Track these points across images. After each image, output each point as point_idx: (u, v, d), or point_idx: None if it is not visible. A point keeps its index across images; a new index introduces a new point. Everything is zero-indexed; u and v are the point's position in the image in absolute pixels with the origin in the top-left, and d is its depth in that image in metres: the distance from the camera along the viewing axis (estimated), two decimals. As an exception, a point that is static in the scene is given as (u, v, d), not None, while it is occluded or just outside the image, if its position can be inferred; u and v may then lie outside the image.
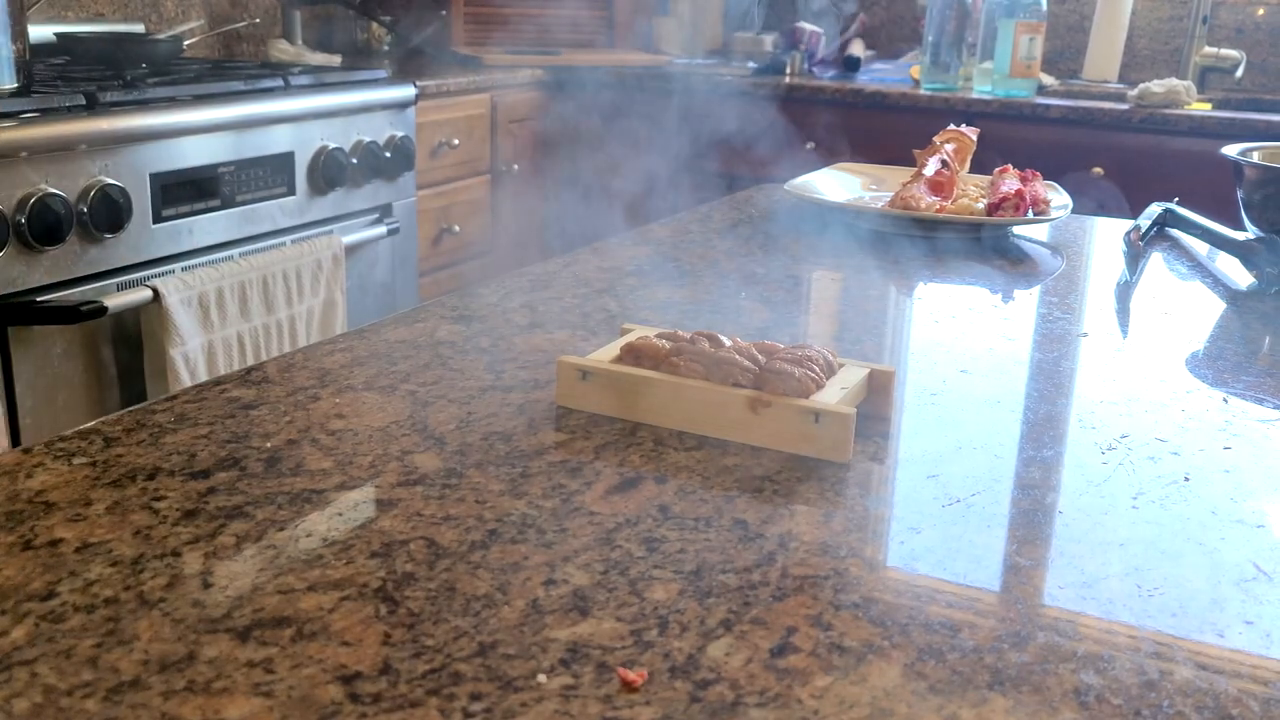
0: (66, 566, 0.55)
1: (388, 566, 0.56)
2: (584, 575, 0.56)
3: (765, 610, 0.53)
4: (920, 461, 0.71)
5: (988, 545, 0.60)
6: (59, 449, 0.68)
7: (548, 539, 0.59)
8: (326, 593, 0.53)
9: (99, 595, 0.52)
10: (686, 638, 0.51)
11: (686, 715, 0.46)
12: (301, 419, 0.73)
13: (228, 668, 0.48)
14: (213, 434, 0.71)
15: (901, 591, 0.56)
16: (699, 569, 0.57)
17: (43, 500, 0.61)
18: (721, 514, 0.62)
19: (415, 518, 0.61)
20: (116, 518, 0.60)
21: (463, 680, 0.47)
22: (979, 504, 0.65)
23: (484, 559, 0.57)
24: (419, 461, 0.68)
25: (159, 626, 0.50)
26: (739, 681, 0.48)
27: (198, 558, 0.56)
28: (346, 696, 0.46)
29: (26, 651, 0.48)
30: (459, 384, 0.81)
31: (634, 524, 0.61)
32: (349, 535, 0.59)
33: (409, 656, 0.49)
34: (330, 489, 0.64)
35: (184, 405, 0.75)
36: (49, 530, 0.58)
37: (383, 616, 0.52)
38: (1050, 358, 0.92)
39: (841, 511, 0.64)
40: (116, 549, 0.56)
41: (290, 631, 0.50)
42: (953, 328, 0.99)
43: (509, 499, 0.63)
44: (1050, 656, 0.51)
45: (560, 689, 0.47)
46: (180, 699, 0.45)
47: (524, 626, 0.51)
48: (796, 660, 0.50)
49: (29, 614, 0.51)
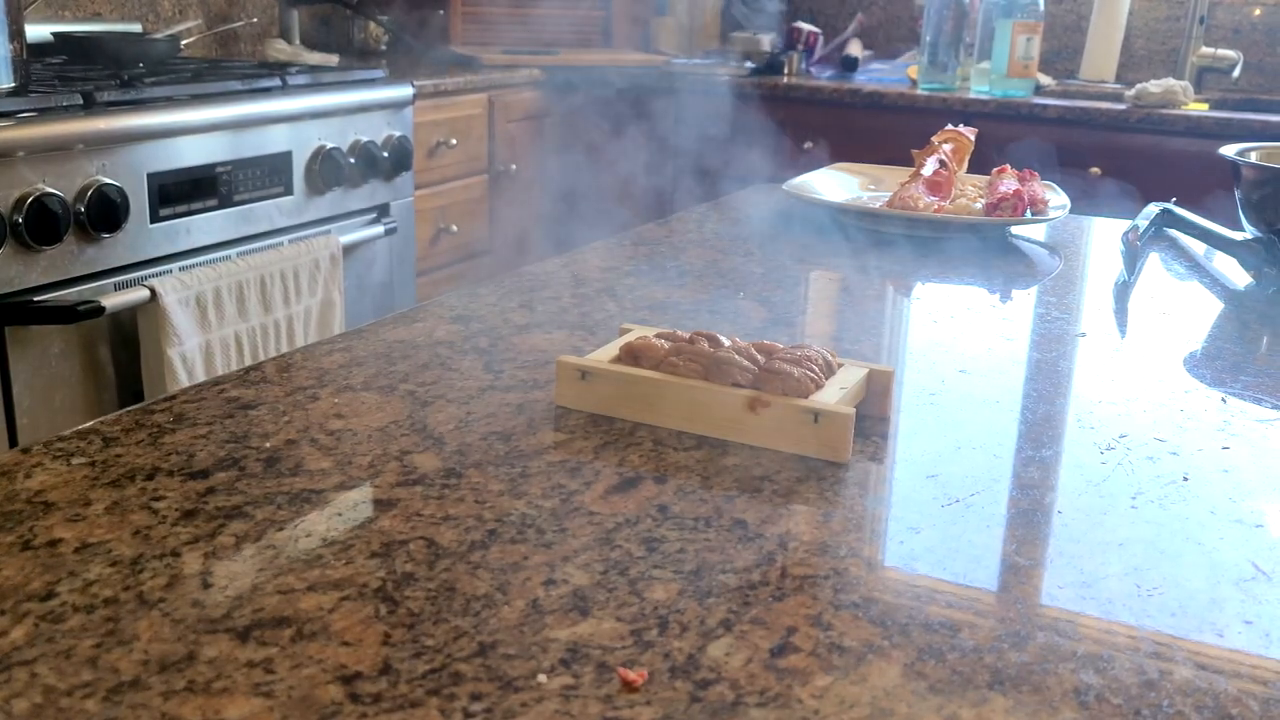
0: (66, 567, 0.55)
1: (387, 566, 0.56)
2: (584, 575, 0.56)
3: (765, 610, 0.53)
4: (919, 461, 0.71)
5: (987, 545, 0.60)
6: (58, 449, 0.68)
7: (547, 539, 0.59)
8: (326, 593, 0.53)
9: (98, 595, 0.52)
10: (686, 638, 0.51)
11: (687, 715, 0.46)
12: (300, 419, 0.73)
13: (228, 668, 0.48)
14: (212, 434, 0.71)
15: (901, 591, 0.56)
16: (699, 569, 0.57)
17: (42, 500, 0.61)
18: (721, 514, 0.62)
19: (415, 518, 0.61)
20: (116, 518, 0.60)
21: (463, 680, 0.47)
22: (978, 504, 0.65)
23: (484, 559, 0.57)
24: (418, 461, 0.68)
25: (159, 626, 0.50)
26: (739, 681, 0.48)
27: (197, 558, 0.56)
28: (347, 696, 0.46)
29: (26, 652, 0.48)
30: (458, 384, 0.81)
31: (634, 524, 0.61)
32: (348, 535, 0.59)
33: (409, 656, 0.49)
34: (330, 489, 0.64)
35: (183, 405, 0.75)
36: (48, 530, 0.58)
37: (383, 616, 0.52)
38: (1049, 358, 0.92)
39: (841, 511, 0.64)
40: (116, 549, 0.56)
41: (290, 631, 0.50)
42: (951, 328, 0.99)
43: (508, 499, 0.63)
44: (1050, 656, 0.51)
45: (560, 689, 0.47)
46: (180, 699, 0.45)
47: (524, 626, 0.51)
48: (797, 660, 0.50)
49: (28, 614, 0.51)
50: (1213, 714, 0.47)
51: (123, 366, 1.86)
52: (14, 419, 1.71)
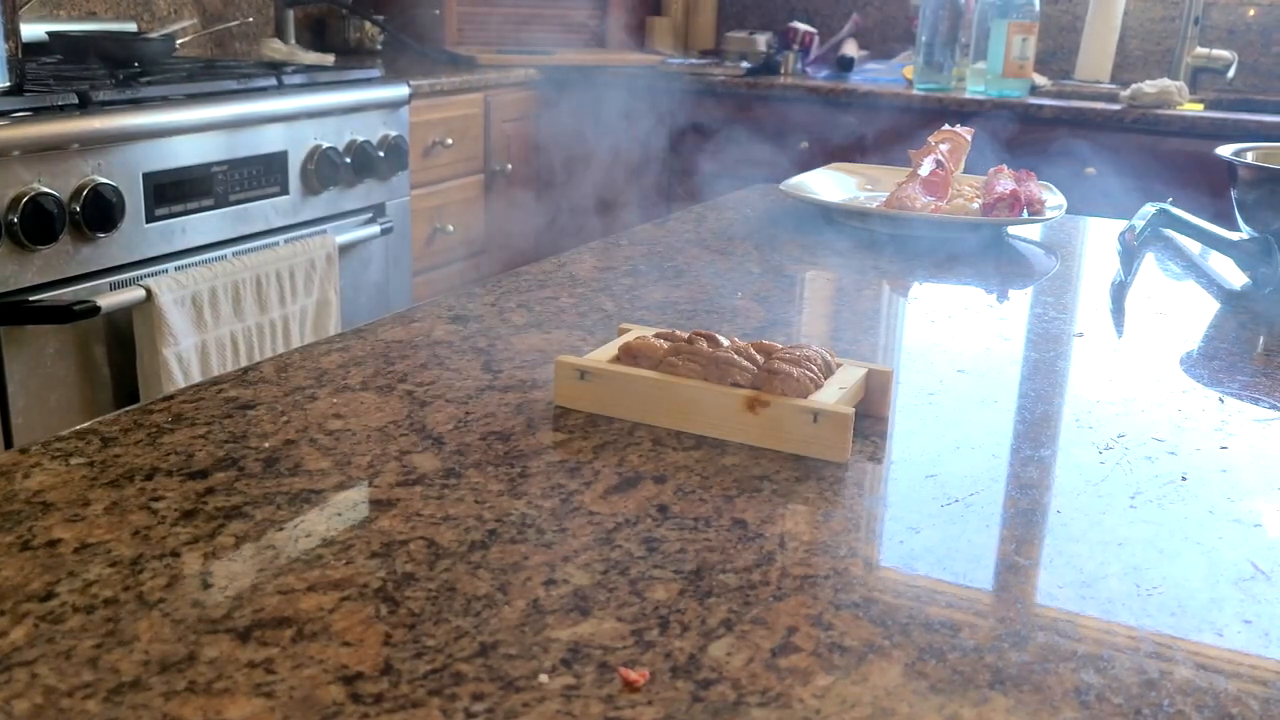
0: (65, 567, 0.55)
1: (387, 567, 0.56)
2: (584, 575, 0.56)
3: (765, 610, 0.53)
4: (918, 461, 0.71)
5: (986, 545, 0.61)
6: (56, 449, 0.68)
7: (547, 539, 0.59)
8: (326, 593, 0.53)
9: (98, 595, 0.52)
10: (688, 637, 0.51)
11: (689, 715, 0.46)
12: (299, 419, 0.73)
13: (228, 668, 0.47)
14: (210, 434, 0.71)
15: (901, 591, 0.56)
16: (699, 569, 0.57)
17: (40, 500, 0.61)
18: (721, 514, 0.62)
19: (414, 518, 0.61)
20: (115, 518, 0.59)
21: (464, 680, 0.47)
22: (977, 504, 0.65)
23: (484, 559, 0.57)
24: (417, 461, 0.68)
25: (159, 627, 0.50)
26: (741, 681, 0.48)
27: (197, 558, 0.56)
28: (348, 697, 0.46)
29: (26, 653, 0.48)
30: (456, 384, 0.81)
31: (633, 524, 0.61)
32: (348, 535, 0.59)
33: (410, 657, 0.49)
34: (329, 489, 0.64)
35: (181, 405, 0.75)
36: (47, 530, 0.58)
37: (383, 617, 0.51)
38: (1046, 357, 0.92)
39: (840, 511, 0.64)
40: (115, 549, 0.56)
41: (290, 632, 0.50)
42: (948, 328, 1.00)
43: (508, 499, 0.63)
44: (1050, 656, 0.51)
45: (562, 689, 0.47)
46: (181, 699, 0.45)
47: (525, 627, 0.51)
48: (798, 660, 0.50)
49: (28, 615, 0.51)
50: (1213, 713, 0.47)
51: (118, 367, 1.86)
52: (9, 419, 1.71)
